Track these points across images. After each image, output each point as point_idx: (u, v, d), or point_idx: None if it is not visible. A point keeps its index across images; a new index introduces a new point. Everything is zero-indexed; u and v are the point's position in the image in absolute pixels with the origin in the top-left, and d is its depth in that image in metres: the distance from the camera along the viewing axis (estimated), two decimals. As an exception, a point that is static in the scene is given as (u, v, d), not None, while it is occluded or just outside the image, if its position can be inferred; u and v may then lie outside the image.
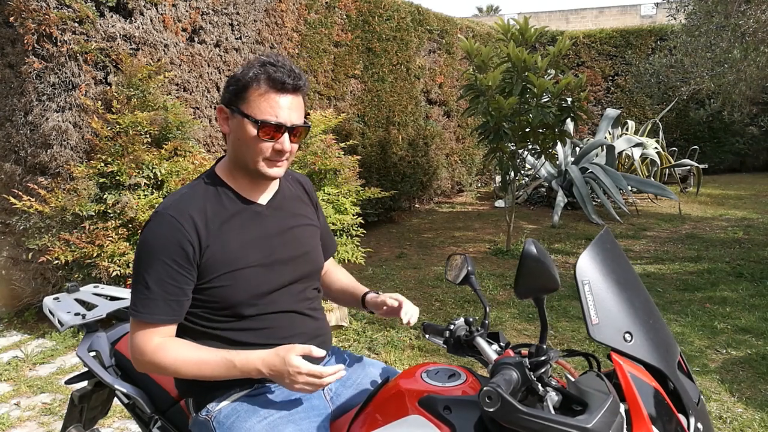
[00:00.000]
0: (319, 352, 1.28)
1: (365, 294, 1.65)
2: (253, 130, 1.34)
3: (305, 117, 1.44)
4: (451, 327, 1.47)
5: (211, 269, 1.35)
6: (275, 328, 1.41)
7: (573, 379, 1.12)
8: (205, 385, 1.39)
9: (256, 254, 1.40)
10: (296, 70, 1.36)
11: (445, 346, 1.48)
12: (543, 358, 1.13)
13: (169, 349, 1.32)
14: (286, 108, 1.34)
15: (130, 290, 2.04)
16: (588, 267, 1.10)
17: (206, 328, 1.40)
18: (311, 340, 1.40)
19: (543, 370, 1.13)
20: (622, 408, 1.03)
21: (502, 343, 1.39)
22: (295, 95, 1.37)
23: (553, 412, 1.05)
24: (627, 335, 1.09)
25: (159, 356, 1.31)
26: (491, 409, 0.98)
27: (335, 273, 1.78)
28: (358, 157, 5.16)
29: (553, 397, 1.08)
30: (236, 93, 1.36)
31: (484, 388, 0.99)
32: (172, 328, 1.36)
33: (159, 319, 1.32)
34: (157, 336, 1.33)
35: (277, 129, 1.34)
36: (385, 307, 1.57)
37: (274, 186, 1.51)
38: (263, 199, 1.47)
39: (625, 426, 1.01)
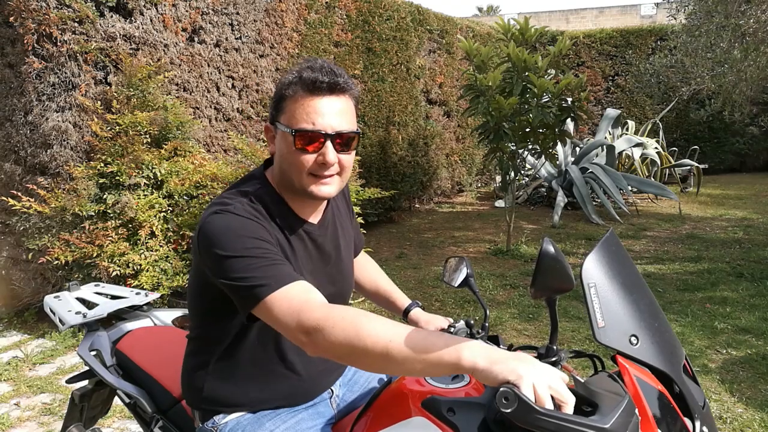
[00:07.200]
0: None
1: (408, 309, 1.58)
2: (291, 143, 1.19)
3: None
4: (451, 330, 1.47)
5: None
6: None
7: (582, 380, 1.11)
8: (213, 397, 1.36)
9: (308, 279, 1.30)
10: (335, 68, 1.20)
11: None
12: (554, 358, 1.13)
13: (342, 307, 1.06)
14: (324, 112, 1.18)
15: (129, 289, 2.04)
16: (594, 270, 1.10)
17: (236, 341, 1.30)
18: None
19: None
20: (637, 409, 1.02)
21: (502, 346, 1.38)
22: (335, 96, 1.20)
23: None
24: (633, 338, 1.09)
25: (337, 311, 1.04)
26: (508, 410, 0.97)
27: (368, 269, 1.69)
28: (358, 157, 5.16)
29: None
30: (275, 106, 1.23)
31: (501, 389, 0.99)
32: None
33: (298, 277, 1.13)
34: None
35: (316, 137, 1.18)
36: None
37: (324, 202, 1.37)
38: (314, 218, 1.34)
39: (639, 427, 1.01)
